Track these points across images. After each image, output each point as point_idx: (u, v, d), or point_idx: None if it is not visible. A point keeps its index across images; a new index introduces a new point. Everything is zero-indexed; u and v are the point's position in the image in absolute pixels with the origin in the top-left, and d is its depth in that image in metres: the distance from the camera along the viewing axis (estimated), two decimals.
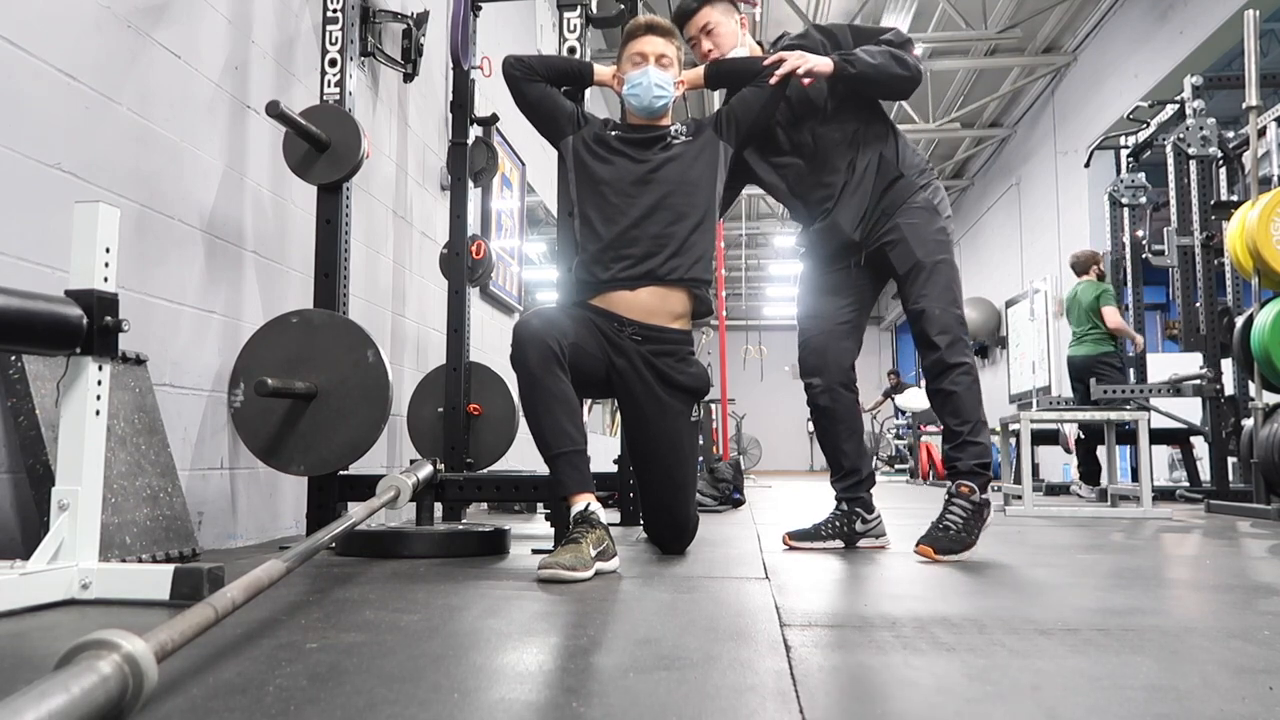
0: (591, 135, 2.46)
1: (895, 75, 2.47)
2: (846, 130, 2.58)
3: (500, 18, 5.11)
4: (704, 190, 2.42)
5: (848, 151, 2.58)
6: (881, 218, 2.56)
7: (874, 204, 2.56)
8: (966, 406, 2.46)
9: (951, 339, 2.46)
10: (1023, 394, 10.35)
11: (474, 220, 4.00)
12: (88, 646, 0.84)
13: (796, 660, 1.15)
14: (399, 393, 3.66)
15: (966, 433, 2.46)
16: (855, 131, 2.58)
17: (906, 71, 2.48)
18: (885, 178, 2.56)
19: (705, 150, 2.45)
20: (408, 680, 1.03)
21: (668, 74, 2.43)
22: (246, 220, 2.84)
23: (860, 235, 2.58)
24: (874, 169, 2.56)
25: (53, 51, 2.06)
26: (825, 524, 2.68)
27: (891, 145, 2.59)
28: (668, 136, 2.45)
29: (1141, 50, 8.00)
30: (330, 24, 2.84)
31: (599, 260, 2.36)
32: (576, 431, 2.15)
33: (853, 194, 2.58)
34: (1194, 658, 1.19)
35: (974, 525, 2.41)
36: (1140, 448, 4.38)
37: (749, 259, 17.45)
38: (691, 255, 2.37)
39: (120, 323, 1.61)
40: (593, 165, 2.43)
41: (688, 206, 2.38)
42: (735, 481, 5.07)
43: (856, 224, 2.58)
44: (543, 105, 2.49)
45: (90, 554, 1.59)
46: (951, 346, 2.45)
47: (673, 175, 2.39)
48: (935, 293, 2.48)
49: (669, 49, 2.44)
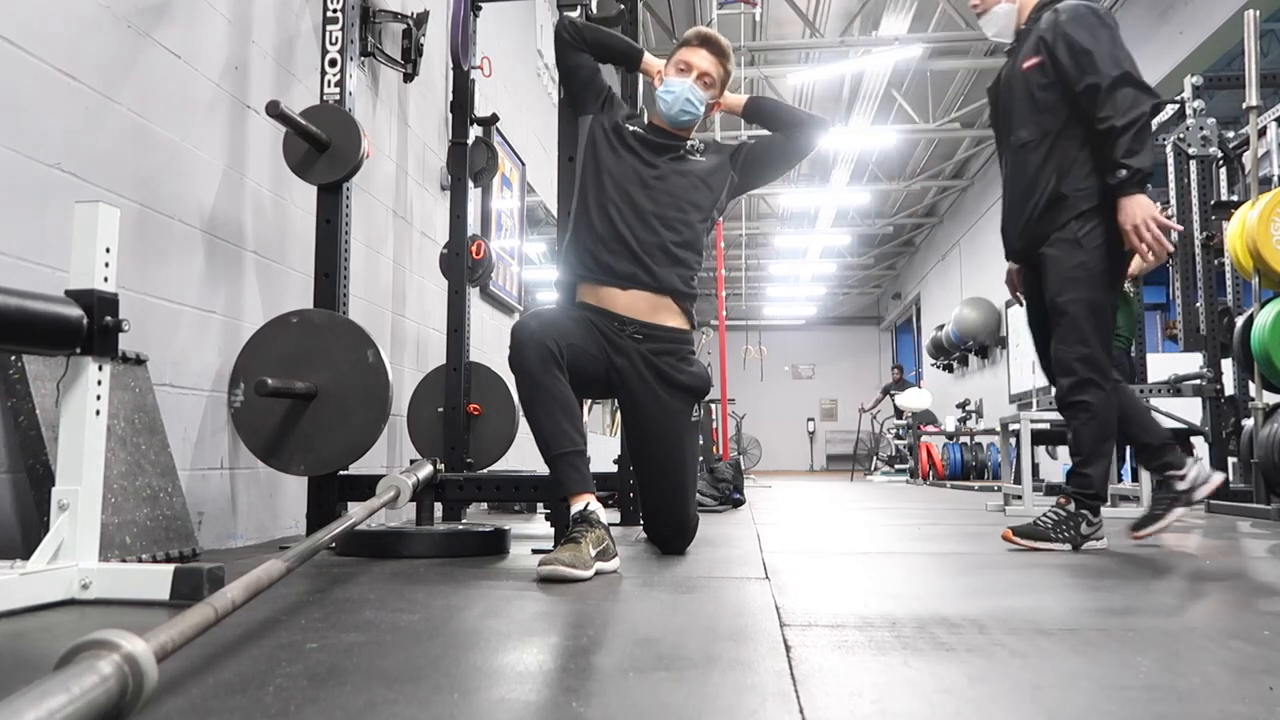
0: (611, 122, 2.48)
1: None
2: (1044, 130, 2.61)
3: (500, 18, 5.11)
4: (701, 211, 2.43)
5: (1033, 155, 2.62)
6: (1039, 239, 2.64)
7: (1033, 220, 2.64)
8: (1081, 441, 2.59)
9: (1073, 381, 2.56)
10: (1023, 394, 10.32)
11: (474, 220, 4.00)
12: (88, 646, 0.84)
13: (796, 660, 1.15)
14: (399, 393, 3.66)
15: (1077, 463, 2.62)
16: (1049, 135, 2.60)
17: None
18: (1050, 194, 2.59)
19: (715, 174, 2.47)
20: (408, 680, 1.03)
21: (704, 93, 2.45)
22: (246, 220, 2.84)
23: (1022, 246, 2.70)
24: (1046, 182, 2.60)
25: (53, 51, 2.06)
26: (1054, 524, 2.61)
27: (1070, 161, 2.57)
28: (682, 149, 2.46)
29: (1141, 50, 7.99)
30: (330, 24, 2.83)
31: (590, 249, 2.38)
32: (576, 432, 2.15)
33: (1023, 202, 2.66)
34: (1194, 658, 1.19)
35: (1062, 528, 2.55)
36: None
37: (749, 259, 17.45)
38: (676, 269, 2.37)
39: (120, 323, 1.61)
40: (604, 152, 2.44)
41: (681, 222, 2.38)
42: (735, 481, 5.07)
43: (1018, 234, 2.70)
44: (577, 76, 2.53)
45: (90, 554, 1.59)
46: (1072, 388, 2.57)
47: (675, 188, 2.40)
48: (1060, 333, 2.58)
49: (714, 69, 2.46)
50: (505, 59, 5.32)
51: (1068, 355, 2.56)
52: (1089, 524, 2.56)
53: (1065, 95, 2.56)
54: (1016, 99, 2.67)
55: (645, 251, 2.34)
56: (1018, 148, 2.66)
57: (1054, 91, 2.58)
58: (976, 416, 12.08)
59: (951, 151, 12.77)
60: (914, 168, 13.30)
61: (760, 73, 9.68)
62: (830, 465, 20.47)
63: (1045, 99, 2.59)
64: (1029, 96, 2.62)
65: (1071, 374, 2.55)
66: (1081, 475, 2.59)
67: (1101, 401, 2.54)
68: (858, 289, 21.02)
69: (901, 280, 19.63)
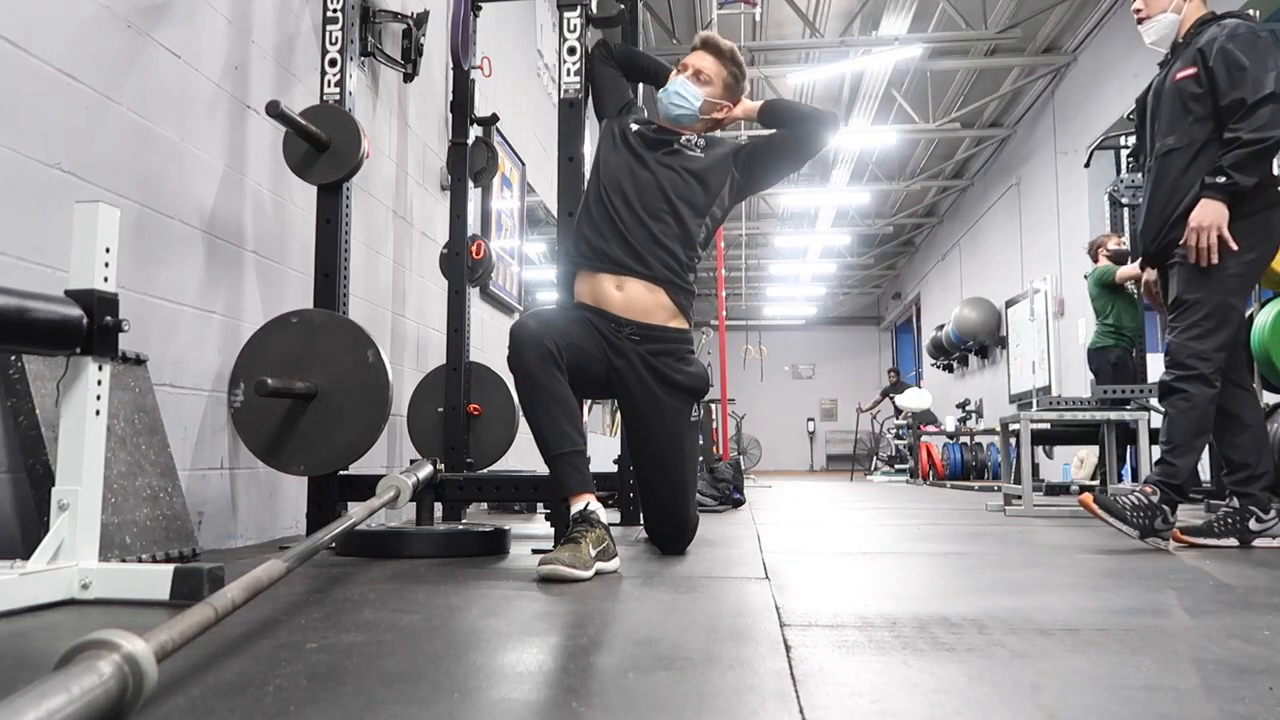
0: (621, 124, 2.55)
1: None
2: (1191, 139, 2.68)
3: (500, 18, 5.11)
4: (694, 207, 2.42)
5: (1177, 162, 2.69)
6: (1172, 244, 2.70)
7: (1170, 224, 2.70)
8: (1175, 429, 2.64)
9: (1180, 373, 2.64)
10: (1023, 394, 10.33)
11: (474, 220, 4.00)
12: (88, 646, 0.84)
13: (796, 660, 1.15)
14: (399, 393, 3.66)
15: (1166, 451, 2.67)
16: (1195, 145, 2.67)
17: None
18: (1191, 202, 2.63)
19: (712, 171, 2.46)
20: (408, 680, 1.03)
21: (697, 88, 2.49)
22: (246, 220, 2.84)
23: (1156, 249, 2.77)
24: (1188, 190, 2.65)
25: (53, 51, 2.06)
26: (1218, 520, 2.71)
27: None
28: (675, 144, 2.47)
29: (1141, 50, 7.95)
30: (330, 24, 2.83)
31: (586, 237, 2.42)
32: (575, 432, 2.15)
33: (1163, 206, 2.73)
34: (1194, 658, 1.19)
35: (1139, 513, 2.60)
36: (1140, 448, 4.38)
37: (749, 259, 17.45)
38: (664, 259, 2.36)
39: (120, 323, 1.61)
40: (605, 150, 2.51)
41: (667, 213, 2.38)
42: (735, 481, 5.07)
43: (1154, 237, 2.76)
44: (600, 82, 2.71)
45: (90, 554, 1.59)
46: (1179, 379, 2.64)
47: (662, 179, 2.41)
48: (1183, 325, 2.66)
49: (712, 66, 2.52)
50: (505, 59, 5.32)
51: (1182, 350, 2.63)
52: (1165, 520, 2.60)
53: (1214, 108, 2.64)
54: (1165, 108, 2.76)
55: (634, 239, 2.35)
56: (1162, 155, 2.75)
57: (1204, 104, 2.65)
58: (976, 416, 12.08)
59: (951, 151, 12.77)
60: (914, 168, 13.30)
61: (760, 72, 9.67)
62: (830, 465, 20.48)
63: (1195, 109, 2.67)
64: (1180, 106, 2.70)
65: (1183, 367, 2.62)
66: (1168, 465, 2.63)
67: (1203, 395, 2.60)
68: (858, 289, 21.02)
69: (901, 280, 19.63)
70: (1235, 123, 2.56)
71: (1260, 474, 2.69)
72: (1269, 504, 2.68)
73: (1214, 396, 2.62)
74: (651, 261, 2.34)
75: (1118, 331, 6.01)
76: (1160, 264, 2.84)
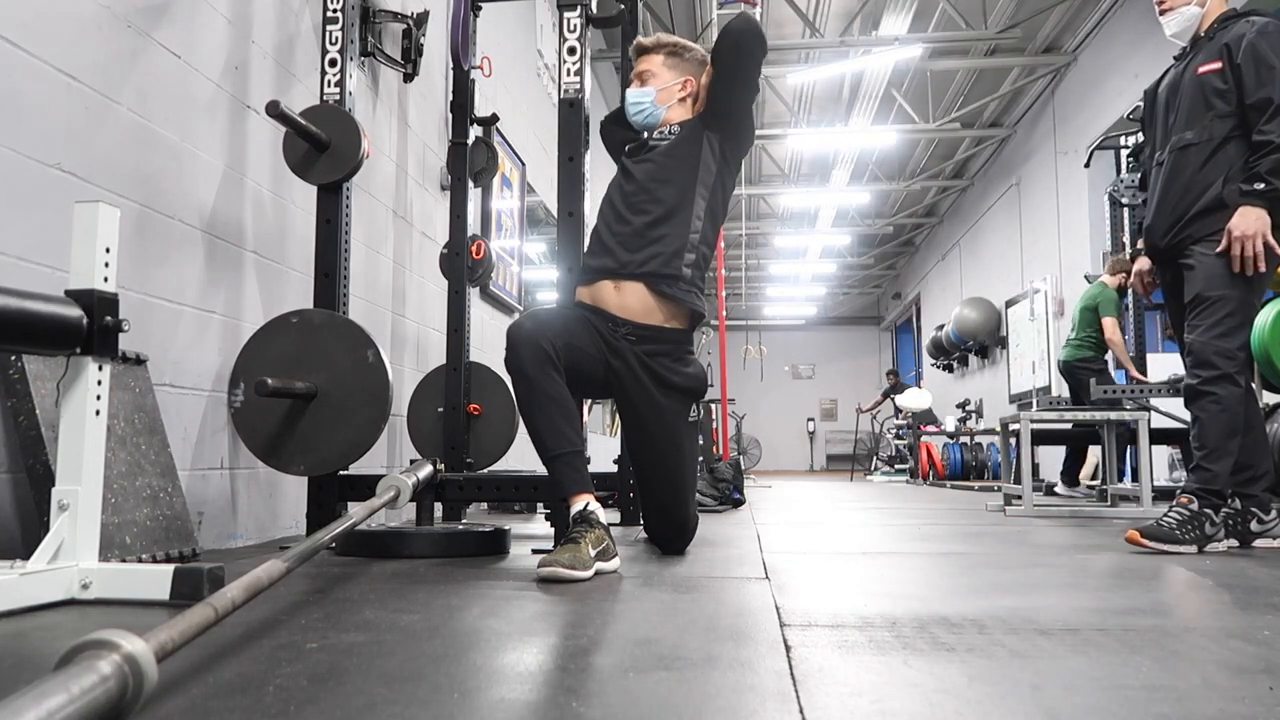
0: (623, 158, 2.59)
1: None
2: (1211, 134, 2.64)
3: (500, 18, 5.11)
4: (674, 185, 2.39)
5: (1195, 157, 2.65)
6: (1186, 240, 2.66)
7: (1186, 220, 2.66)
8: (1208, 434, 2.59)
9: (1208, 374, 2.58)
10: (1023, 394, 10.34)
11: (474, 220, 4.00)
12: (88, 646, 0.84)
13: (796, 660, 1.15)
14: (399, 393, 3.66)
15: (1200, 457, 2.60)
16: (1215, 140, 2.63)
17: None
18: (1211, 199, 2.61)
19: (682, 144, 2.44)
20: (408, 680, 1.03)
21: (645, 89, 2.51)
22: (246, 220, 2.84)
23: (1167, 244, 2.71)
24: (1207, 186, 2.62)
25: (53, 51, 2.06)
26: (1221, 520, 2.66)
27: (1235, 169, 2.60)
28: (651, 139, 2.50)
29: (1141, 50, 8.00)
30: (330, 24, 2.83)
31: (586, 260, 2.46)
32: (573, 432, 2.15)
33: (1177, 201, 2.67)
34: (1194, 658, 1.19)
35: (1188, 528, 2.54)
36: (1140, 448, 4.38)
37: (749, 259, 17.45)
38: (652, 248, 2.33)
39: (120, 323, 1.61)
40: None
41: (650, 202, 2.38)
42: (735, 481, 5.07)
43: (1165, 232, 2.71)
44: (606, 144, 2.71)
45: (90, 554, 1.59)
46: (1206, 381, 2.58)
47: (640, 175, 2.43)
48: (1205, 324, 2.60)
49: (650, 64, 2.54)
50: (505, 59, 5.32)
51: (1206, 348, 2.58)
52: (1212, 523, 2.56)
53: (1238, 104, 2.60)
54: (1184, 101, 2.71)
55: (625, 242, 2.36)
56: (1178, 149, 2.70)
57: (1228, 100, 2.62)
58: (976, 416, 12.09)
59: (951, 151, 12.77)
60: (914, 168, 13.30)
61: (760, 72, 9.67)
62: (830, 465, 20.48)
63: (1218, 105, 2.63)
64: (1201, 100, 2.66)
65: (1208, 366, 2.57)
66: (1204, 470, 2.57)
67: (1233, 396, 2.56)
68: (858, 289, 21.02)
69: (901, 280, 19.63)
70: (1265, 125, 2.52)
71: (1261, 474, 2.67)
72: (1269, 505, 2.67)
73: (1242, 396, 2.58)
74: (644, 259, 2.33)
75: (1098, 344, 6.08)
76: (1170, 260, 2.78)
